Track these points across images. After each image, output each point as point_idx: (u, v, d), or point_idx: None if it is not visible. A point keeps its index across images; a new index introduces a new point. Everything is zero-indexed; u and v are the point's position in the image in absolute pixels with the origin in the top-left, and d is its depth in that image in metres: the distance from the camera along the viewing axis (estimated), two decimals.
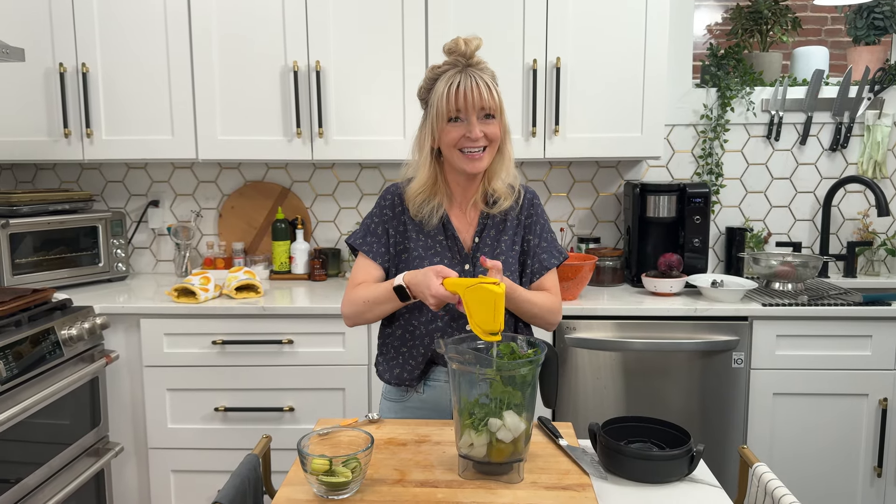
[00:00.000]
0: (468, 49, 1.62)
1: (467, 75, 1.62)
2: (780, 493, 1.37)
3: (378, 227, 1.78)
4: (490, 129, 1.64)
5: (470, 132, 1.62)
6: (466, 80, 1.61)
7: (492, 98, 1.62)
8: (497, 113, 1.65)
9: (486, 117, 1.64)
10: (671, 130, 3.13)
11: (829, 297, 2.63)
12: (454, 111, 1.62)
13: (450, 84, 1.61)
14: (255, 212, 3.22)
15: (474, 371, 1.35)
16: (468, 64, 1.64)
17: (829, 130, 3.12)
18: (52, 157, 2.85)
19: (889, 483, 2.61)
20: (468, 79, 1.61)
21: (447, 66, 1.65)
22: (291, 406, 2.62)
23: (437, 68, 1.67)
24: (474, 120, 1.62)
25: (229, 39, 2.76)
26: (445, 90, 1.61)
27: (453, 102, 1.61)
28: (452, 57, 1.64)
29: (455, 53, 1.63)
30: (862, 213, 3.15)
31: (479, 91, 1.61)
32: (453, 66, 1.64)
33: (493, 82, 1.65)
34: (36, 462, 2.22)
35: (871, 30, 3.10)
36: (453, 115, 1.62)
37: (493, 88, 1.64)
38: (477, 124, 1.62)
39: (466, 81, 1.61)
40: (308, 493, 1.33)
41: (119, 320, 2.61)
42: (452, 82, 1.61)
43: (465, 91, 1.60)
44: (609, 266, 2.92)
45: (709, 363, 2.56)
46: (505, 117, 1.69)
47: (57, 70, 2.78)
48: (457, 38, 1.63)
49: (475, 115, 1.62)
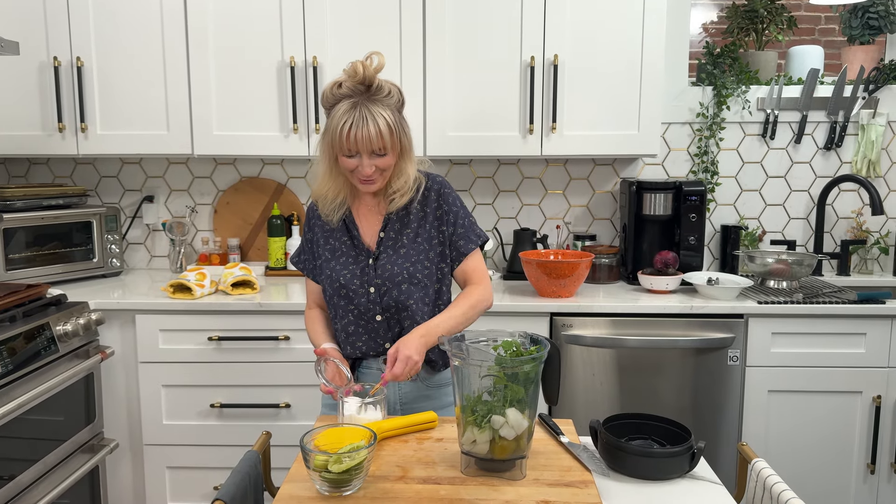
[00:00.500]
0: (367, 74, 1.62)
1: (361, 113, 1.61)
2: (780, 489, 1.38)
3: (305, 242, 1.89)
4: (382, 162, 1.67)
5: (361, 170, 1.66)
6: (359, 120, 1.60)
7: (381, 139, 1.62)
8: (389, 148, 1.65)
9: (378, 154, 1.65)
10: (667, 128, 3.14)
11: (824, 295, 2.65)
12: (346, 151, 1.64)
13: (342, 123, 1.61)
14: (250, 208, 3.21)
15: (477, 368, 1.35)
16: (367, 92, 1.63)
17: (824, 129, 3.13)
18: (46, 151, 2.83)
19: (882, 479, 2.63)
20: (360, 119, 1.60)
21: (347, 91, 1.63)
22: (288, 402, 2.62)
23: (338, 88, 1.64)
24: (366, 159, 1.65)
25: (225, 35, 2.75)
26: (339, 129, 1.62)
27: (345, 143, 1.62)
28: (352, 83, 1.63)
29: (354, 79, 1.63)
30: (856, 212, 3.17)
31: (368, 134, 1.61)
32: (351, 93, 1.63)
33: (389, 114, 1.64)
34: (30, 459, 2.20)
35: (866, 29, 3.12)
36: (347, 154, 1.65)
37: (383, 128, 1.62)
38: (368, 162, 1.65)
39: (359, 122, 1.60)
40: (311, 490, 1.32)
41: (114, 316, 2.60)
42: (346, 121, 1.61)
43: (356, 134, 1.61)
44: (605, 263, 2.92)
45: (704, 360, 2.58)
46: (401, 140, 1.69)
47: (51, 64, 2.76)
48: (355, 63, 1.62)
49: (367, 155, 1.64)
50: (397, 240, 1.77)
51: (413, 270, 1.74)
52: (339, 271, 1.77)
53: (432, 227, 1.78)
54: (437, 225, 1.79)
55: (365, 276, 1.75)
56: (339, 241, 1.81)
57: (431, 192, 1.79)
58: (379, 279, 1.74)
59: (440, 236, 1.79)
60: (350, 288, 1.75)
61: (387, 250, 1.77)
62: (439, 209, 1.79)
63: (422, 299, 1.75)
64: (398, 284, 1.73)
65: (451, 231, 1.78)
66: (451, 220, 1.79)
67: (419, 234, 1.78)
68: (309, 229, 1.87)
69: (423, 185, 1.78)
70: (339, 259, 1.79)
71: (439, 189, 1.80)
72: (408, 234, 1.78)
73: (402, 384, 1.79)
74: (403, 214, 1.78)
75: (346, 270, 1.77)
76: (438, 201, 1.79)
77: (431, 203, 1.79)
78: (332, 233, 1.82)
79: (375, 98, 1.64)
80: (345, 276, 1.76)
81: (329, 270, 1.79)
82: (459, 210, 1.81)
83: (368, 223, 1.81)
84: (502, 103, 2.76)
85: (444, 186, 1.81)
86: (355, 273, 1.76)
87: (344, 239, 1.80)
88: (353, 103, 1.62)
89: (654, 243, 2.93)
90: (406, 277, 1.74)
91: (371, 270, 1.75)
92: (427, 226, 1.78)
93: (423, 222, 1.78)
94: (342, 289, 1.76)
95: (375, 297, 1.75)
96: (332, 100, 1.66)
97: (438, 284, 1.80)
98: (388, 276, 1.74)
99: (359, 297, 1.75)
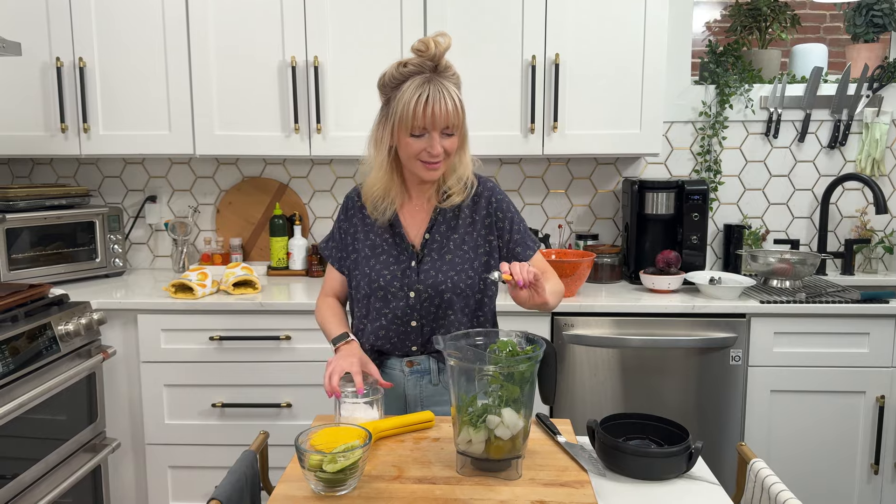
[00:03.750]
0: (437, 51, 1.58)
1: (435, 87, 1.57)
2: (777, 490, 1.37)
3: (337, 231, 1.82)
4: (449, 144, 1.62)
5: (431, 148, 1.60)
6: (435, 93, 1.56)
7: (457, 115, 1.60)
8: (458, 127, 1.63)
9: (447, 133, 1.62)
10: (669, 127, 3.13)
11: (827, 295, 2.63)
12: (419, 128, 1.59)
13: (418, 96, 1.56)
14: (252, 208, 3.21)
15: (473, 368, 1.34)
16: (436, 69, 1.60)
17: (828, 128, 3.11)
18: (48, 151, 2.84)
19: (886, 480, 2.61)
20: (436, 92, 1.56)
21: (414, 69, 1.59)
22: (289, 402, 2.62)
23: (402, 67, 1.60)
24: (436, 137, 1.60)
25: (227, 35, 2.75)
26: (413, 103, 1.56)
27: (420, 119, 1.57)
28: (420, 58, 1.58)
29: (424, 55, 1.58)
30: (860, 211, 3.15)
31: (445, 109, 1.57)
32: (420, 69, 1.59)
33: (458, 93, 1.61)
34: (32, 458, 2.21)
35: (870, 27, 3.10)
36: (418, 132, 1.59)
37: (458, 103, 1.60)
38: (438, 141, 1.60)
39: (435, 95, 1.56)
40: (306, 490, 1.32)
41: (116, 316, 2.61)
42: (421, 94, 1.56)
43: (433, 108, 1.56)
44: (607, 263, 2.91)
45: (706, 360, 2.56)
46: (465, 125, 1.66)
47: (54, 65, 2.77)
48: (426, 39, 1.58)
49: (438, 132, 1.60)
50: (443, 244, 1.71)
51: (457, 279, 1.68)
52: (379, 271, 1.70)
53: (479, 236, 1.72)
54: (484, 234, 1.73)
55: (406, 279, 1.69)
56: (380, 238, 1.74)
57: (482, 199, 1.74)
58: (421, 284, 1.68)
59: (486, 245, 1.73)
60: (389, 290, 1.69)
61: (431, 254, 1.71)
62: (489, 216, 1.73)
63: (462, 310, 1.70)
64: (441, 293, 1.67)
65: (507, 238, 1.73)
66: (508, 226, 1.73)
67: (465, 241, 1.72)
68: (346, 219, 1.80)
69: (475, 187, 1.73)
70: (380, 258, 1.72)
71: (490, 196, 1.74)
72: (455, 239, 1.71)
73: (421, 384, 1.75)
74: (451, 217, 1.73)
75: (386, 271, 1.70)
76: (488, 208, 1.73)
77: (481, 210, 1.73)
78: (373, 227, 1.75)
79: (445, 75, 1.61)
80: (385, 276, 1.70)
81: (368, 269, 1.72)
82: (514, 216, 1.76)
83: (414, 221, 1.74)
84: (504, 102, 2.75)
85: (496, 192, 1.76)
86: (396, 274, 1.70)
87: (386, 236, 1.73)
88: (426, 79, 1.57)
89: (657, 243, 2.92)
90: (450, 287, 1.67)
91: (413, 274, 1.69)
92: (475, 233, 1.72)
93: (470, 229, 1.72)
94: (380, 290, 1.70)
95: (415, 302, 1.69)
96: (399, 78, 1.60)
97: (480, 295, 1.73)
98: (431, 283, 1.68)
99: (397, 300, 1.69)
